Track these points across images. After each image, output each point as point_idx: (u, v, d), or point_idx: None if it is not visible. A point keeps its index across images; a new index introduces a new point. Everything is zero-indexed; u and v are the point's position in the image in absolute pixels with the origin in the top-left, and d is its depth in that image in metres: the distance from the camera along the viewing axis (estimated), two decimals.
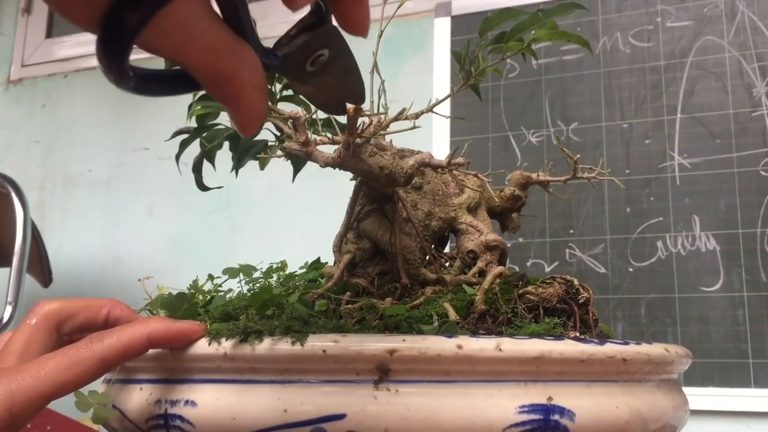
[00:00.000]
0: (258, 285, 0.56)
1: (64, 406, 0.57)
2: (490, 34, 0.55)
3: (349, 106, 0.40)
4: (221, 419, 0.40)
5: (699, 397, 1.34)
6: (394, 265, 0.52)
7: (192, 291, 0.53)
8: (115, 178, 1.96)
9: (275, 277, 0.58)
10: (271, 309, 0.46)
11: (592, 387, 0.41)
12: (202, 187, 0.58)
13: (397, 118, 0.59)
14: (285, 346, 0.39)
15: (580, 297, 0.49)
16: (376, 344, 0.38)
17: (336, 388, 0.39)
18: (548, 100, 1.59)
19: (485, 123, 1.62)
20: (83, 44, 2.08)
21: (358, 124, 0.49)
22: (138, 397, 0.44)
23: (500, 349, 0.39)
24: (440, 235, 0.57)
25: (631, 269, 1.46)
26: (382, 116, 0.53)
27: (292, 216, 1.71)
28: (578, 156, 0.58)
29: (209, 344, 0.41)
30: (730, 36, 1.49)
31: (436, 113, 0.59)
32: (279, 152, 0.51)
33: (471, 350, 0.38)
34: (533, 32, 0.53)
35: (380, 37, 0.51)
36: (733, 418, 1.35)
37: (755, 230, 1.39)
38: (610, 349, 0.41)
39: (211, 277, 0.57)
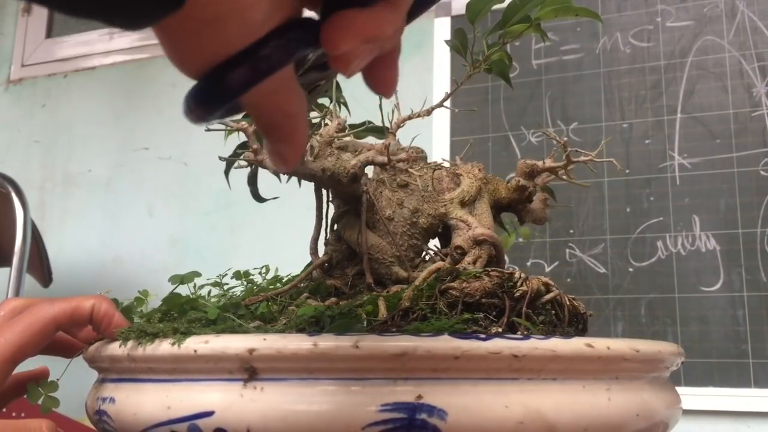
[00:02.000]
0: (227, 290, 0.57)
1: (64, 406, 0.57)
2: (483, 27, 0.54)
3: None
4: (127, 415, 0.44)
5: (699, 397, 1.34)
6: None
7: (141, 297, 0.55)
8: (115, 178, 1.96)
9: (260, 279, 0.59)
10: (190, 312, 0.48)
11: (478, 385, 0.39)
12: (259, 199, 0.59)
13: (410, 117, 0.59)
14: (166, 347, 0.42)
15: (516, 291, 0.47)
16: (237, 344, 0.40)
17: (210, 386, 0.41)
18: (548, 100, 1.59)
19: (485, 123, 1.62)
20: (83, 44, 2.08)
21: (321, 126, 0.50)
22: (92, 395, 0.49)
23: (357, 347, 0.38)
24: (434, 232, 0.55)
25: (631, 269, 1.46)
26: (343, 119, 0.53)
27: (293, 216, 1.71)
28: (566, 139, 0.56)
29: (119, 346, 0.45)
30: (730, 36, 1.49)
31: (447, 107, 0.60)
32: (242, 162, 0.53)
33: (327, 348, 0.38)
34: (536, 10, 0.53)
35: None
36: (733, 418, 1.35)
37: (755, 230, 1.39)
38: (495, 344, 0.39)
39: (218, 283, 0.57)
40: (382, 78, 0.29)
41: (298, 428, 0.38)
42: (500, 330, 0.44)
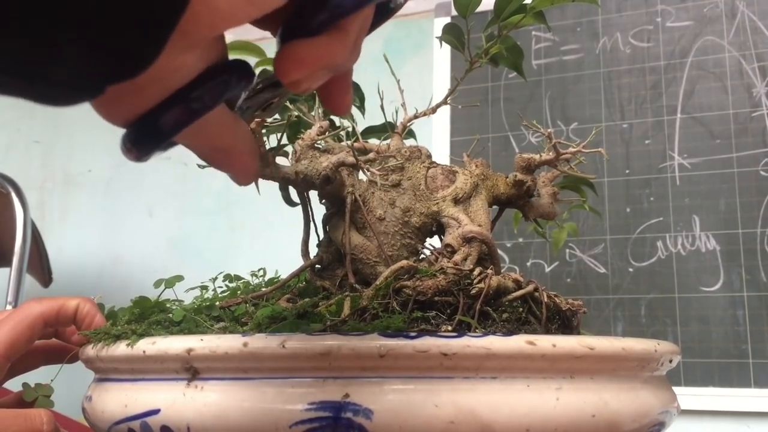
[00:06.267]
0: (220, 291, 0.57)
1: (65, 406, 0.57)
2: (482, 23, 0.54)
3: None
4: (97, 413, 0.46)
5: (699, 397, 1.34)
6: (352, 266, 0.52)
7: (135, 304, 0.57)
8: (115, 178, 1.96)
9: (257, 281, 0.59)
10: (159, 314, 0.49)
11: (409, 384, 0.39)
12: (291, 203, 0.59)
13: (415, 116, 0.59)
14: (123, 348, 0.44)
15: (472, 288, 0.46)
16: (177, 344, 0.41)
17: (159, 385, 0.43)
18: (548, 100, 1.59)
19: (485, 123, 1.62)
20: None
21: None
22: (85, 393, 0.51)
23: (284, 346, 0.39)
24: (428, 231, 0.54)
25: (631, 269, 1.46)
26: (325, 123, 0.53)
27: (292, 216, 1.71)
28: (550, 130, 0.55)
29: (92, 347, 0.47)
30: (730, 36, 1.49)
31: (450, 103, 0.60)
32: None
33: (255, 348, 0.39)
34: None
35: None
36: (733, 418, 1.35)
37: (755, 230, 1.39)
38: (423, 343, 0.38)
39: (205, 287, 0.58)
40: (335, 101, 0.31)
41: (230, 426, 0.39)
42: (450, 328, 0.43)
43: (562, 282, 1.49)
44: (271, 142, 0.53)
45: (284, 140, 0.53)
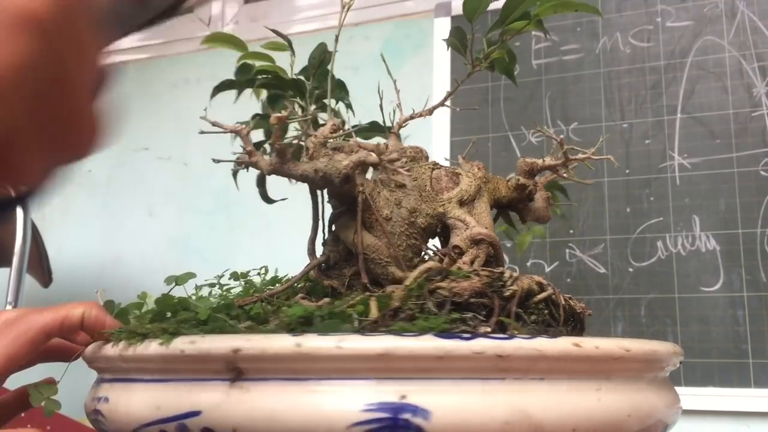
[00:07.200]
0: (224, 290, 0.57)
1: (65, 407, 0.57)
2: (483, 25, 0.55)
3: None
4: (119, 414, 0.44)
5: (699, 397, 1.34)
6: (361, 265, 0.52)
7: (140, 300, 0.56)
8: (115, 178, 1.96)
9: (259, 279, 0.59)
10: (182, 312, 0.48)
11: (462, 385, 0.39)
12: (268, 201, 0.59)
13: (411, 117, 0.59)
14: (155, 347, 0.42)
15: (505, 290, 0.47)
16: (222, 344, 0.40)
17: (198, 385, 0.41)
18: (548, 100, 1.59)
19: (485, 123, 1.62)
20: None
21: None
22: (90, 395, 0.50)
23: (340, 347, 0.38)
24: (433, 232, 0.55)
25: (631, 269, 1.46)
26: (338, 121, 0.53)
27: (293, 216, 1.71)
28: (562, 137, 0.56)
29: (112, 346, 0.46)
30: (730, 36, 1.49)
31: (448, 106, 0.60)
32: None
33: (309, 348, 0.39)
34: (535, 6, 0.53)
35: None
36: (733, 418, 1.35)
37: (755, 230, 1.39)
38: (479, 344, 0.39)
39: (214, 284, 0.57)
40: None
41: (283, 428, 0.38)
42: (489, 330, 0.44)
43: (562, 282, 1.49)
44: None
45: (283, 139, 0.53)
